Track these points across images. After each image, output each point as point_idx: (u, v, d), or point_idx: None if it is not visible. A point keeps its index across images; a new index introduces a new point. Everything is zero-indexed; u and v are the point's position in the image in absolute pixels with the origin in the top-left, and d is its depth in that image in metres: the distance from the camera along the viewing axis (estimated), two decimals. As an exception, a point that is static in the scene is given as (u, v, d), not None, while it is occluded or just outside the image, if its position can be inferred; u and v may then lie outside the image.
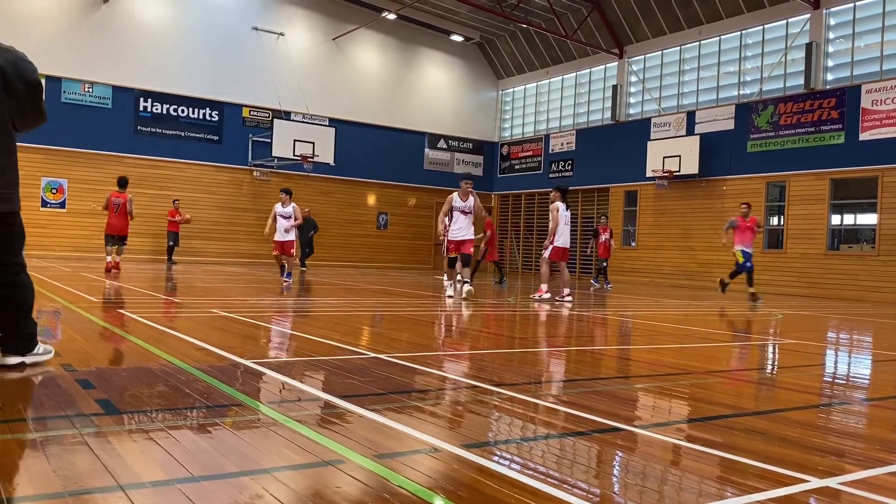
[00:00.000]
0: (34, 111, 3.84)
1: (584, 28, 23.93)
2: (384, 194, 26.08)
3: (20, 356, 3.84)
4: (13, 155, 3.77)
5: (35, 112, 3.85)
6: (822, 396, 4.34)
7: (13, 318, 3.82)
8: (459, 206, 11.63)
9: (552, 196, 12.21)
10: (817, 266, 18.01)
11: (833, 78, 18.44)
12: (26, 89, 3.74)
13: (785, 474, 2.46)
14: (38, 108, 3.86)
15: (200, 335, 5.83)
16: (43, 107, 3.91)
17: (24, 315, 3.86)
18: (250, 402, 3.34)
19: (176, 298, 9.45)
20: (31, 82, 3.77)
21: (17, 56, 3.75)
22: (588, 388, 4.10)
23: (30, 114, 3.83)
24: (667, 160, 21.07)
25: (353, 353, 5.02)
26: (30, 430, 2.70)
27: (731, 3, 20.22)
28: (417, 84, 26.96)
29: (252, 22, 23.32)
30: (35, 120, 3.89)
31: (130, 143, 21.41)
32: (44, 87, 3.96)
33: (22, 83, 3.72)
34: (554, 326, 8.07)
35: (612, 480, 2.44)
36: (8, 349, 3.83)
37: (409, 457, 2.55)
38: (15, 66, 3.70)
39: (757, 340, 7.44)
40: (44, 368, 3.86)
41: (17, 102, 3.73)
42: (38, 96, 3.84)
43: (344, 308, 9.22)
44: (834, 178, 17.93)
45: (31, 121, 3.87)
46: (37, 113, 3.87)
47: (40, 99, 3.87)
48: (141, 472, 2.22)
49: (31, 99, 3.78)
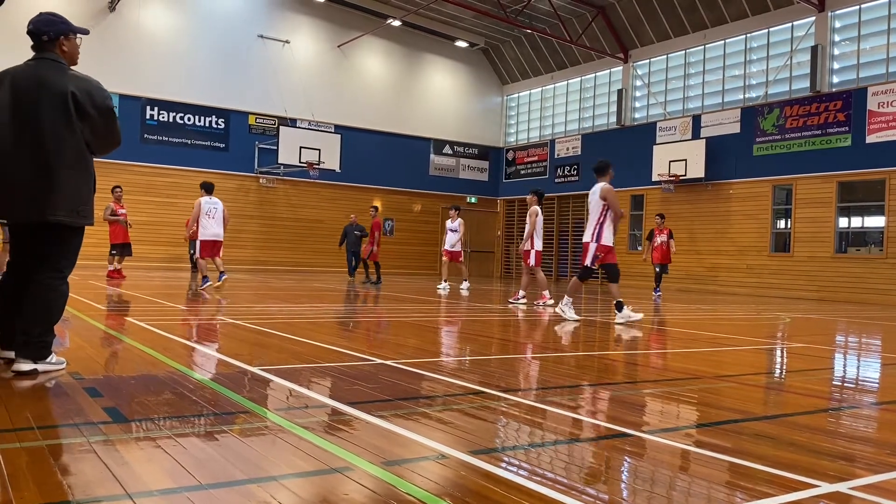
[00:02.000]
0: (108, 136, 4.08)
1: (588, 33, 23.94)
2: (390, 200, 26.10)
3: (33, 363, 3.86)
4: (89, 174, 4.03)
5: (109, 136, 4.09)
6: (831, 400, 4.31)
7: (37, 322, 3.89)
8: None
9: (530, 200, 12.41)
10: (825, 269, 17.94)
11: (839, 80, 18.40)
12: (99, 115, 3.98)
13: (795, 479, 2.45)
14: (112, 133, 4.10)
15: (208, 342, 5.84)
16: (117, 131, 4.13)
17: (47, 322, 3.95)
18: (258, 409, 3.34)
19: (183, 306, 9.47)
20: (104, 109, 4.01)
21: (91, 85, 4.00)
22: (595, 393, 4.08)
23: (104, 138, 4.07)
24: (673, 164, 21.05)
25: (360, 359, 5.02)
26: (38, 439, 2.71)
27: (736, 7, 20.21)
28: (422, 90, 27.01)
29: (258, 30, 23.42)
30: (110, 144, 4.14)
31: (137, 152, 21.48)
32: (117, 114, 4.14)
33: (94, 109, 3.96)
34: (560, 332, 8.06)
35: (621, 486, 2.43)
36: (23, 354, 3.86)
37: (416, 463, 2.55)
38: (88, 93, 3.95)
39: (765, 344, 7.41)
40: (51, 377, 3.86)
41: (91, 127, 3.97)
42: (111, 122, 4.06)
43: (350, 314, 9.23)
44: (841, 181, 17.87)
45: (105, 145, 4.11)
46: (111, 137, 4.11)
47: (113, 124, 4.09)
48: (149, 481, 2.22)
49: (104, 124, 4.01)
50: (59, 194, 3.86)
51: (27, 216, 3.88)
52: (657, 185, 21.84)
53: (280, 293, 12.54)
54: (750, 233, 19.71)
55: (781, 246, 19.32)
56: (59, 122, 3.87)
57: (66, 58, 4.08)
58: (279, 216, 23.68)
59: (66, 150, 3.90)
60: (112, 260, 14.89)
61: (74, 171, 3.94)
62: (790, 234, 18.88)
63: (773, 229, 19.36)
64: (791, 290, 18.34)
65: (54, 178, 3.86)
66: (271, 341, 5.91)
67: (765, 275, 19.25)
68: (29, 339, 3.86)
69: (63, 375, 3.92)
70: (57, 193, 3.86)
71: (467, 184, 28.00)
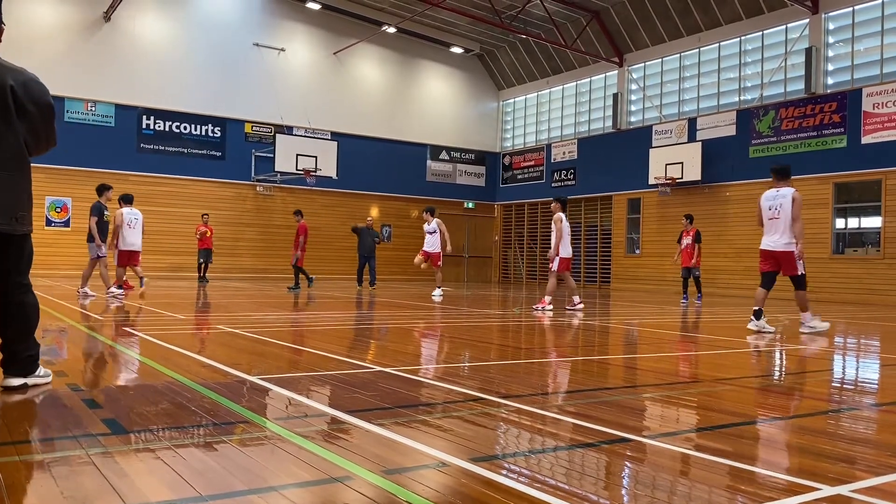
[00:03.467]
0: (47, 135, 3.81)
1: (583, 37, 24.00)
2: (387, 207, 26.12)
3: (23, 378, 3.78)
4: (26, 176, 3.74)
5: (47, 136, 3.82)
6: (830, 402, 4.31)
7: (17, 338, 3.79)
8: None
9: (554, 207, 12.21)
10: (822, 270, 17.95)
11: (833, 82, 18.45)
12: (38, 112, 3.70)
13: (796, 482, 2.45)
14: (50, 131, 3.82)
15: (206, 352, 5.83)
16: (54, 131, 3.86)
17: (28, 336, 3.84)
18: (257, 418, 3.33)
19: (181, 315, 9.45)
20: (43, 105, 3.73)
21: (28, 77, 3.70)
22: (595, 398, 4.08)
23: (42, 138, 3.80)
24: (669, 167, 21.08)
25: (359, 367, 5.01)
26: (37, 451, 2.70)
27: (730, 9, 20.27)
28: (418, 96, 27.05)
29: (253, 38, 23.45)
30: (47, 144, 3.87)
31: (134, 161, 21.49)
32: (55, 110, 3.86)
33: (34, 105, 3.67)
34: (559, 336, 8.05)
35: (622, 492, 2.43)
36: (10, 370, 3.78)
37: (417, 472, 2.54)
38: (26, 87, 3.65)
39: (764, 347, 7.41)
40: (49, 388, 3.85)
41: (29, 125, 3.69)
42: (50, 119, 3.80)
43: (348, 322, 9.22)
44: (837, 182, 17.90)
45: (42, 144, 3.84)
46: (49, 137, 3.83)
47: (52, 122, 3.82)
48: (148, 492, 2.21)
49: (43, 122, 3.74)
50: None
51: None
52: (654, 189, 21.86)
53: (278, 301, 12.53)
54: (748, 235, 19.70)
55: (779, 247, 19.31)
56: None
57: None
58: (276, 224, 23.66)
59: (4, 150, 3.60)
60: None
61: (12, 173, 3.64)
62: (787, 236, 18.87)
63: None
64: (789, 291, 18.20)
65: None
66: (270, 350, 5.90)
67: (763, 276, 19.23)
68: (16, 357, 3.78)
69: (61, 387, 3.91)
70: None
71: (464, 189, 28.02)
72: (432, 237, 16.09)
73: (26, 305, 3.83)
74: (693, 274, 15.70)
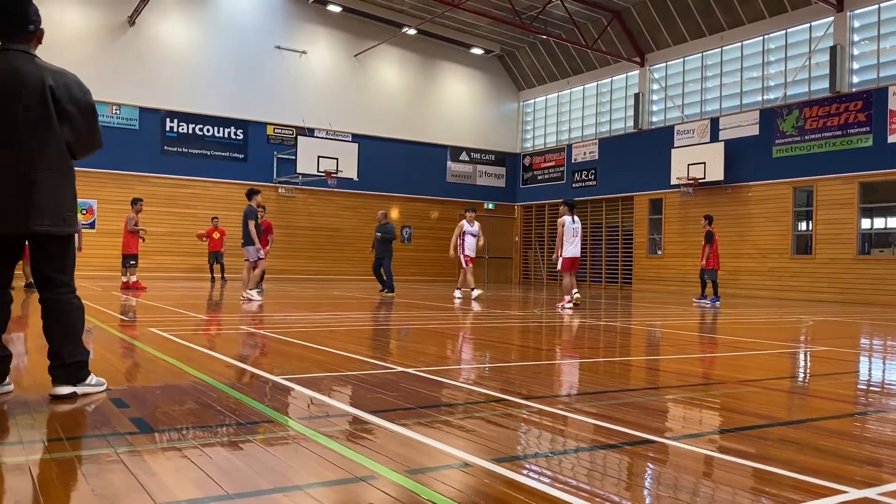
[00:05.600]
0: (90, 136, 3.75)
1: (604, 37, 23.90)
2: (408, 208, 26.18)
3: (71, 386, 3.64)
4: (70, 177, 3.70)
5: (91, 137, 3.75)
6: (856, 405, 4.27)
7: (62, 341, 3.66)
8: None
9: (560, 210, 12.87)
10: (847, 271, 17.74)
11: (859, 80, 18.22)
12: (79, 113, 3.66)
13: (822, 485, 2.43)
14: (94, 132, 3.76)
15: (229, 351, 5.89)
16: (98, 132, 3.80)
17: (72, 339, 3.70)
18: (281, 418, 3.36)
19: (204, 315, 9.55)
20: (85, 105, 3.68)
21: (69, 78, 3.66)
22: (618, 399, 4.07)
23: (85, 139, 3.73)
24: (691, 167, 20.93)
25: (381, 367, 5.03)
26: (67, 450, 2.75)
27: (753, 8, 20.09)
28: (439, 98, 27.09)
29: (275, 41, 23.63)
30: (91, 145, 3.79)
31: (158, 163, 21.76)
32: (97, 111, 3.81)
33: (74, 106, 3.63)
34: (580, 338, 8.04)
35: (644, 493, 2.42)
36: (58, 378, 3.63)
37: (440, 472, 2.56)
38: (67, 88, 3.62)
39: (788, 348, 7.34)
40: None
41: (71, 126, 3.64)
42: (92, 120, 3.74)
43: (370, 322, 9.25)
44: (863, 182, 17.67)
45: (87, 146, 3.77)
46: (92, 138, 3.77)
47: (95, 123, 3.76)
48: (176, 491, 2.24)
49: (85, 123, 3.69)
50: (43, 202, 3.53)
51: (6, 227, 3.53)
52: (676, 189, 21.72)
53: (300, 302, 12.61)
54: (771, 235, 19.55)
55: (803, 248, 19.14)
56: (38, 121, 3.52)
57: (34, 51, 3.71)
58: (298, 225, 23.81)
59: (47, 152, 3.55)
60: (126, 272, 15.13)
61: (57, 175, 3.60)
62: (811, 236, 18.69)
63: (794, 231, 19.18)
64: (813, 292, 18.15)
65: (36, 184, 3.51)
66: (292, 350, 5.95)
67: (786, 277, 19.07)
68: (62, 361, 3.63)
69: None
70: (41, 201, 3.52)
71: (484, 190, 28.01)
72: (472, 239, 15.17)
73: (71, 307, 3.73)
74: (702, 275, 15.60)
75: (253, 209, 12.64)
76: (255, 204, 12.75)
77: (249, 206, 12.64)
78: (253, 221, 12.53)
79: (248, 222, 12.49)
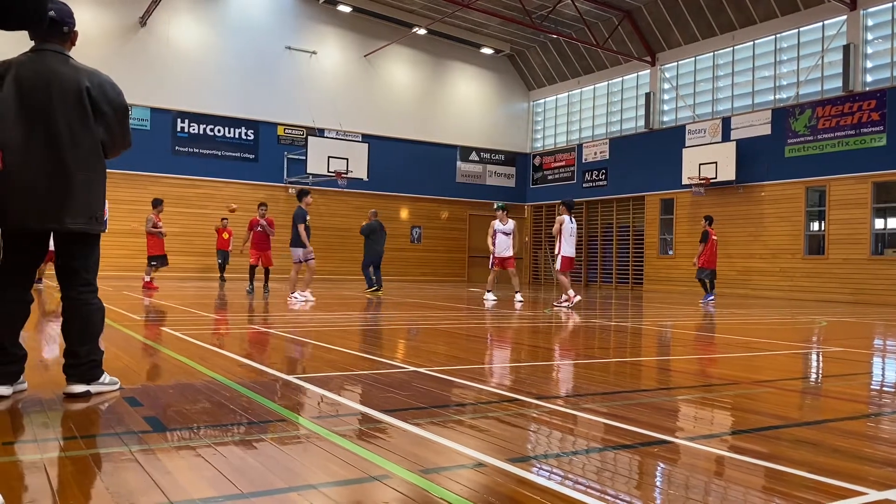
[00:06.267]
0: (122, 136, 3.78)
1: (615, 37, 23.84)
2: (417, 208, 26.20)
3: (85, 384, 3.67)
4: (102, 177, 3.74)
5: (123, 137, 3.79)
6: (871, 405, 4.23)
7: (80, 340, 3.69)
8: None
9: (559, 209, 13.27)
10: (861, 271, 17.61)
11: (872, 79, 18.09)
12: (113, 113, 3.69)
13: (840, 486, 2.41)
14: (126, 132, 3.80)
15: (241, 351, 5.90)
16: (129, 132, 3.85)
17: (90, 339, 3.74)
18: (293, 417, 3.37)
19: (216, 315, 9.58)
20: (118, 106, 3.72)
21: (103, 79, 3.69)
22: (630, 399, 4.05)
23: (118, 138, 3.77)
24: (703, 167, 20.84)
25: (393, 366, 5.03)
26: (82, 448, 2.76)
27: (765, 7, 19.98)
28: (448, 97, 27.09)
29: (285, 41, 23.69)
30: (123, 145, 3.83)
31: (169, 164, 21.86)
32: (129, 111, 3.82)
33: (109, 106, 3.67)
34: (591, 338, 8.01)
35: (656, 493, 2.41)
36: (73, 376, 3.66)
37: (453, 471, 2.55)
38: (102, 88, 3.65)
39: (801, 349, 7.30)
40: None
41: (106, 126, 3.68)
42: (125, 120, 3.77)
43: (381, 322, 9.26)
44: (876, 182, 17.54)
45: (119, 146, 3.81)
46: (124, 138, 3.80)
47: (127, 124, 3.80)
48: (191, 489, 2.25)
49: (118, 123, 3.72)
50: (78, 200, 3.58)
51: (41, 223, 3.55)
52: (687, 189, 21.63)
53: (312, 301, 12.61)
54: (783, 235, 19.44)
55: (815, 248, 19.02)
56: (74, 121, 3.56)
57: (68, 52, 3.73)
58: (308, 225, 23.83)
59: (82, 151, 3.59)
60: (150, 271, 15.27)
61: (91, 174, 3.65)
62: (824, 237, 18.57)
63: (807, 231, 19.07)
64: (826, 293, 18.03)
65: (72, 182, 3.55)
66: (304, 349, 5.96)
67: (798, 278, 18.95)
68: (77, 360, 3.66)
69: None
70: (76, 199, 3.57)
71: (494, 190, 27.98)
72: (505, 238, 14.11)
73: (92, 307, 3.76)
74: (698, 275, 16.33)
75: (303, 211, 12.63)
76: (305, 205, 12.75)
77: (300, 207, 12.69)
78: (303, 224, 12.49)
79: (299, 225, 12.51)
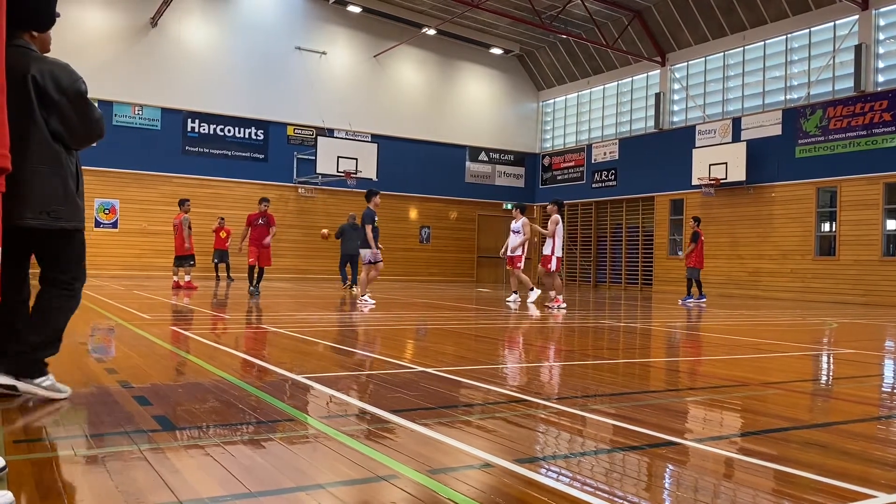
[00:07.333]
0: (83, 125, 3.52)
1: (624, 37, 23.78)
2: (426, 208, 26.21)
3: (14, 378, 3.45)
4: (58, 168, 3.46)
5: (84, 126, 3.52)
6: (881, 408, 4.21)
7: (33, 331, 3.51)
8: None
9: (550, 209, 13.27)
10: (872, 273, 17.50)
11: (884, 80, 17.96)
12: (66, 100, 3.45)
13: (849, 489, 2.39)
14: (87, 121, 3.53)
15: (251, 350, 5.92)
16: (94, 119, 3.56)
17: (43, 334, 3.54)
18: (302, 416, 3.38)
19: (226, 315, 9.61)
20: (73, 93, 3.47)
21: (53, 66, 3.46)
22: (638, 400, 4.04)
23: (78, 128, 3.51)
24: (713, 168, 20.75)
25: (401, 367, 5.04)
26: (91, 447, 2.78)
27: (776, 7, 19.88)
28: (458, 98, 27.09)
29: (295, 42, 23.75)
30: (87, 134, 3.57)
31: (179, 163, 21.95)
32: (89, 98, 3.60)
33: (60, 94, 3.43)
34: (599, 339, 8.00)
35: (664, 494, 2.40)
36: (6, 366, 3.46)
37: (461, 472, 2.55)
38: (53, 77, 3.42)
39: (811, 350, 7.26)
40: (101, 385, 3.90)
41: (60, 115, 3.45)
42: (84, 108, 3.51)
43: (389, 322, 9.27)
44: (888, 182, 17.42)
45: (81, 136, 3.55)
46: (86, 127, 3.53)
47: (87, 111, 3.53)
48: (199, 488, 2.26)
49: (74, 110, 3.47)
50: (24, 195, 3.34)
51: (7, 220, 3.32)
52: (697, 189, 21.55)
53: (320, 301, 12.65)
54: (793, 236, 19.33)
55: (826, 249, 18.91)
56: (19, 112, 3.27)
57: (37, 44, 3.53)
58: (318, 225, 23.86)
59: (29, 144, 3.36)
60: (189, 270, 15.48)
61: (40, 166, 3.39)
62: (835, 238, 18.47)
63: (818, 232, 18.96)
64: (836, 294, 17.93)
65: (17, 176, 3.21)
66: (313, 349, 5.97)
67: (809, 279, 18.85)
68: (21, 349, 3.47)
69: (112, 384, 4.00)
70: (21, 194, 3.33)
71: (503, 190, 27.96)
72: (515, 237, 14.36)
73: (56, 306, 3.58)
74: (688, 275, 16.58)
75: (371, 211, 12.56)
76: (374, 205, 12.67)
77: (368, 208, 12.65)
78: (370, 225, 12.41)
79: (367, 226, 12.48)
